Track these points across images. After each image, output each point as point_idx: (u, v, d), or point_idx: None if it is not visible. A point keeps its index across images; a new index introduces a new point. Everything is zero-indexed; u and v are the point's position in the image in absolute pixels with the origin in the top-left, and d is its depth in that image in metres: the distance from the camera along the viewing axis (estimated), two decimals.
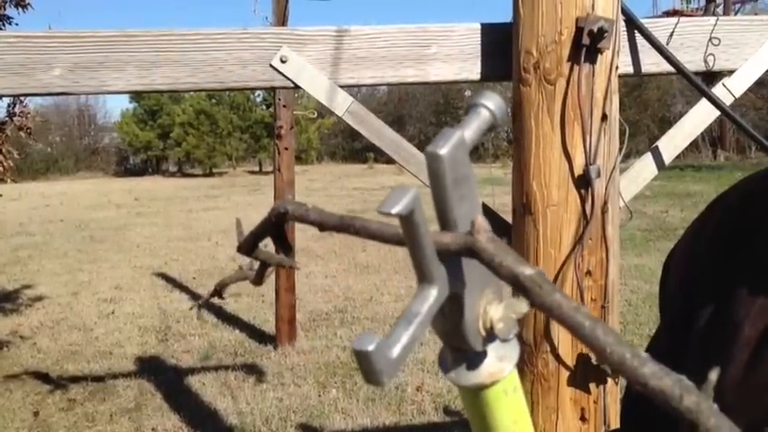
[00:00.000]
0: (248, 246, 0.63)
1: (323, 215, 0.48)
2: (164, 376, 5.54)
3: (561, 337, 1.56)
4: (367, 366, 0.36)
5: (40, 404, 5.06)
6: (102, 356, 6.12)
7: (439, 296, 0.39)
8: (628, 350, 0.32)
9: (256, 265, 0.72)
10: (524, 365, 1.61)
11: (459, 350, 0.44)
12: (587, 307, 1.55)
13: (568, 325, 0.34)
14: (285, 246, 0.61)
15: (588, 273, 1.55)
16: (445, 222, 0.41)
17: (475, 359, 0.44)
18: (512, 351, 0.45)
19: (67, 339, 6.65)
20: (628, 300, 6.95)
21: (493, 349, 0.44)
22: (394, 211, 0.36)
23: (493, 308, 0.42)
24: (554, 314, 0.34)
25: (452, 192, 0.39)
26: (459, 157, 0.39)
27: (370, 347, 0.35)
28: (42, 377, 5.61)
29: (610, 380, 1.58)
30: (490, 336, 0.42)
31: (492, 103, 0.42)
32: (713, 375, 0.32)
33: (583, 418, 1.58)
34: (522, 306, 0.41)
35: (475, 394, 0.45)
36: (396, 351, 0.37)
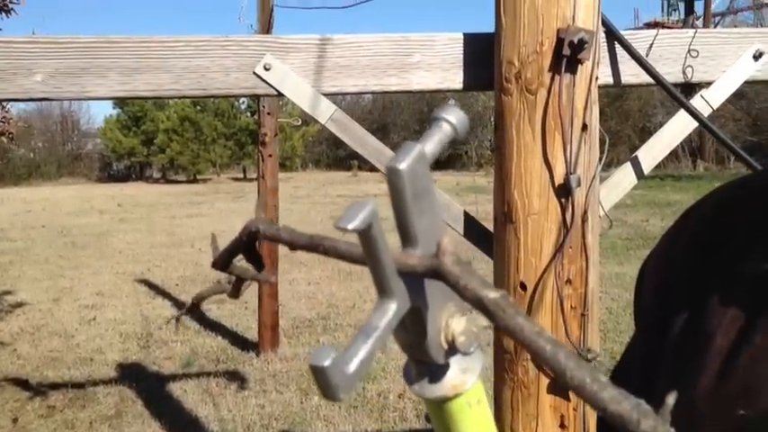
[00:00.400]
0: (222, 262, 0.63)
1: (293, 235, 0.49)
2: (145, 383, 5.50)
3: None
4: (323, 382, 0.36)
5: (19, 411, 5.01)
6: (83, 363, 6.06)
7: (398, 310, 0.40)
8: (588, 375, 0.32)
9: (231, 278, 0.72)
10: (504, 373, 1.61)
11: (423, 363, 0.44)
12: (568, 315, 1.56)
13: (530, 349, 0.34)
14: (258, 262, 0.62)
15: (568, 281, 1.56)
16: (406, 237, 0.41)
17: (438, 372, 0.44)
18: (475, 363, 0.45)
19: (48, 346, 6.58)
20: (608, 308, 6.99)
21: (456, 362, 0.44)
22: (350, 226, 0.36)
23: (455, 321, 0.42)
24: (517, 337, 0.35)
25: (412, 206, 0.40)
26: (419, 170, 0.40)
27: (326, 363, 0.35)
28: (22, 384, 5.55)
29: None
30: (452, 349, 0.42)
31: (453, 117, 0.43)
32: (670, 399, 0.33)
33: (562, 426, 1.59)
34: (484, 320, 0.41)
35: (439, 407, 0.45)
36: (353, 366, 0.37)
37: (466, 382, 0.44)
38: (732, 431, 0.55)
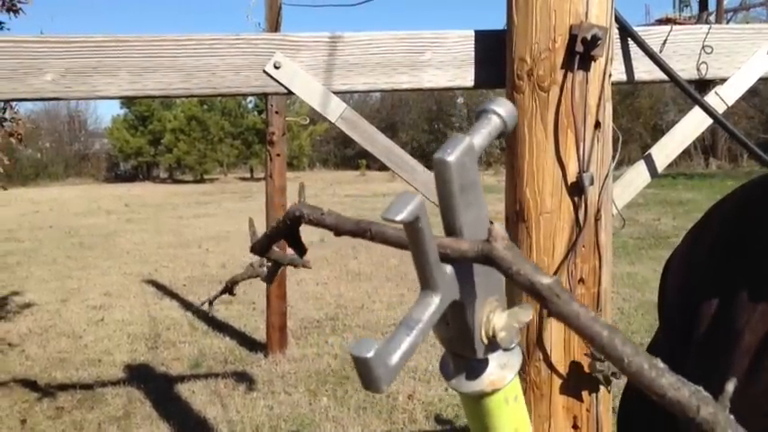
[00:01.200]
0: (262, 246, 0.63)
1: (339, 219, 0.48)
2: (153, 384, 5.51)
3: (554, 345, 1.55)
4: (366, 373, 0.35)
5: (27, 412, 5.02)
6: (91, 364, 6.07)
7: (441, 304, 0.39)
8: (645, 360, 0.32)
9: (266, 263, 0.72)
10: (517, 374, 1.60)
11: (462, 357, 0.43)
12: None
13: (586, 335, 0.34)
14: (300, 247, 0.61)
15: (581, 280, 1.55)
16: (451, 229, 0.40)
17: (477, 366, 0.44)
18: (514, 359, 0.45)
19: (56, 347, 6.60)
20: (620, 308, 6.96)
21: (495, 357, 0.44)
22: (399, 218, 0.36)
23: (496, 316, 0.42)
24: (571, 324, 0.34)
25: (459, 198, 0.39)
26: (466, 163, 0.39)
27: (369, 354, 0.35)
28: (30, 385, 5.56)
29: (602, 388, 1.58)
30: (492, 344, 0.42)
31: (503, 110, 0.42)
32: (730, 387, 0.32)
33: (575, 427, 1.58)
34: (526, 315, 0.41)
35: (476, 401, 0.45)
36: (395, 358, 0.37)
37: (505, 377, 0.44)
38: (760, 422, 0.54)
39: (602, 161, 1.54)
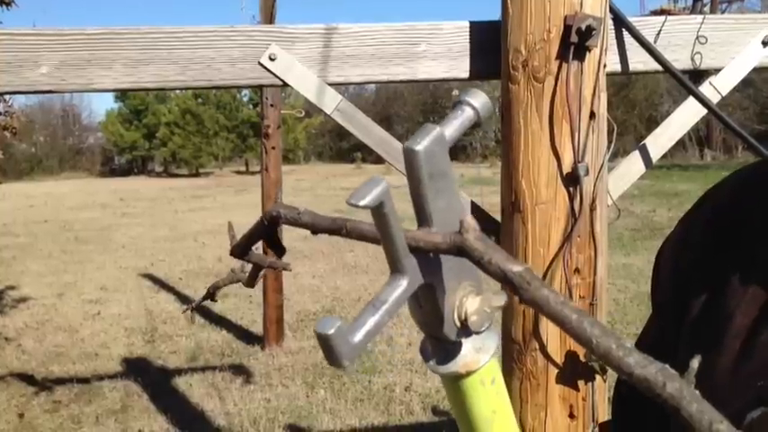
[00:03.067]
0: (241, 249, 0.63)
1: (315, 218, 0.49)
2: (150, 377, 5.51)
3: (550, 334, 1.56)
4: (328, 349, 0.37)
5: (24, 406, 5.02)
6: (88, 358, 6.08)
7: (409, 287, 0.41)
8: (613, 341, 0.33)
9: (247, 267, 0.72)
10: (513, 363, 1.61)
11: (438, 339, 0.45)
12: (576, 304, 1.55)
13: (556, 319, 0.35)
14: (278, 248, 0.62)
15: (577, 270, 1.56)
16: (422, 216, 0.42)
17: (451, 349, 0.45)
18: (489, 343, 0.46)
19: (52, 341, 6.60)
20: (615, 299, 6.98)
21: (470, 341, 0.45)
22: (362, 203, 0.37)
23: (469, 300, 0.43)
24: (543, 309, 0.35)
25: (429, 186, 0.40)
26: (436, 152, 0.40)
27: (330, 331, 0.37)
28: (27, 379, 5.56)
29: (598, 377, 1.59)
30: (465, 328, 0.43)
31: (476, 101, 0.43)
32: (695, 363, 0.33)
33: (571, 416, 1.59)
34: (498, 300, 0.42)
35: (453, 383, 0.47)
36: (358, 336, 0.38)
37: (479, 360, 0.45)
38: (748, 406, 0.55)
39: (597, 152, 1.55)
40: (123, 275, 9.48)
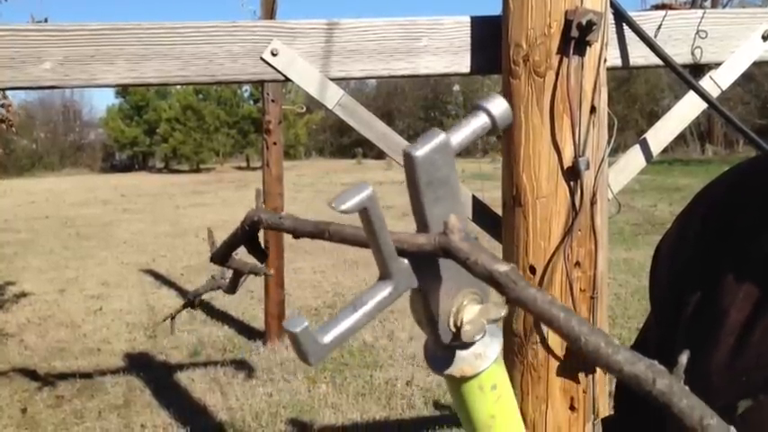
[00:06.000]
0: (221, 256, 0.62)
1: (297, 222, 0.49)
2: (152, 373, 5.53)
3: None
4: (296, 346, 0.37)
5: (27, 401, 5.04)
6: (90, 353, 6.09)
7: (394, 292, 0.40)
8: (602, 338, 0.33)
9: (228, 273, 0.72)
10: (514, 356, 1.62)
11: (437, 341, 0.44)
12: (577, 298, 1.56)
13: (544, 318, 0.34)
14: (260, 253, 0.61)
15: (577, 264, 1.56)
16: (419, 221, 0.41)
17: (449, 352, 0.44)
18: (491, 350, 0.45)
19: (55, 336, 6.61)
20: (617, 294, 6.99)
21: (471, 346, 0.44)
22: (342, 207, 0.36)
23: (467, 309, 0.42)
24: (529, 308, 0.35)
25: (426, 193, 0.39)
26: (437, 159, 0.39)
27: (296, 330, 0.36)
28: (30, 374, 5.58)
29: (598, 370, 1.59)
30: (458, 335, 0.42)
31: (494, 108, 0.41)
32: (683, 358, 0.33)
33: (572, 408, 1.60)
34: (496, 312, 0.41)
35: (452, 384, 0.46)
36: (328, 337, 0.38)
37: (476, 367, 0.44)
38: (745, 392, 0.55)
39: (598, 146, 1.55)
40: (125, 271, 9.49)
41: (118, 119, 36.51)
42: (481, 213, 1.74)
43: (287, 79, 1.63)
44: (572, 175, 1.53)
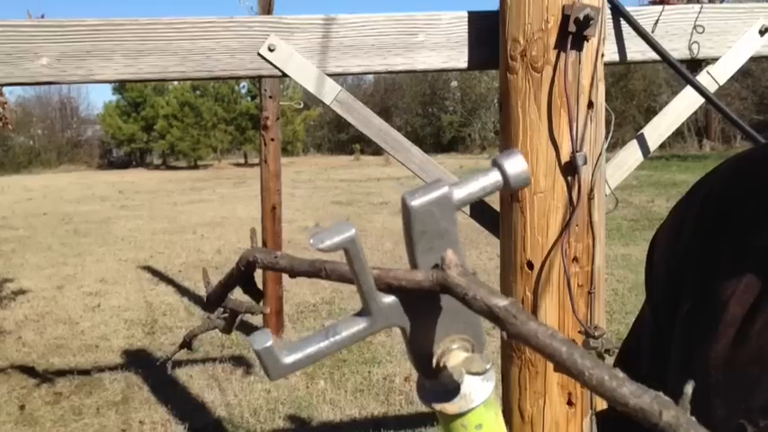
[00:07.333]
0: (217, 297, 0.62)
1: (293, 261, 0.48)
2: (151, 369, 5.53)
3: (548, 322, 1.57)
4: (259, 361, 0.37)
5: (26, 398, 5.04)
6: (89, 350, 6.09)
7: (369, 327, 0.40)
8: (606, 372, 0.32)
9: (222, 313, 0.70)
10: (512, 351, 1.62)
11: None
12: (575, 293, 1.56)
13: (546, 353, 0.34)
14: (255, 293, 0.60)
15: (575, 259, 1.57)
16: (411, 266, 0.40)
17: (436, 385, 0.43)
18: (479, 393, 0.43)
19: (53, 333, 6.61)
20: (614, 289, 7.00)
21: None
22: (320, 246, 0.36)
23: (453, 354, 0.41)
24: (531, 343, 0.34)
25: (418, 242, 0.39)
26: (435, 212, 0.38)
27: (258, 347, 0.37)
28: (28, 371, 5.58)
29: None
30: (437, 375, 0.42)
31: (510, 167, 0.40)
32: (688, 389, 0.33)
33: (570, 403, 1.60)
34: (480, 367, 0.39)
35: (438, 415, 0.45)
36: (291, 358, 0.38)
37: (458, 407, 0.43)
38: (746, 388, 0.55)
39: (595, 141, 1.55)
40: (123, 268, 9.48)
41: (115, 115, 36.42)
42: (479, 209, 1.74)
43: (284, 75, 1.63)
44: (569, 170, 1.53)
